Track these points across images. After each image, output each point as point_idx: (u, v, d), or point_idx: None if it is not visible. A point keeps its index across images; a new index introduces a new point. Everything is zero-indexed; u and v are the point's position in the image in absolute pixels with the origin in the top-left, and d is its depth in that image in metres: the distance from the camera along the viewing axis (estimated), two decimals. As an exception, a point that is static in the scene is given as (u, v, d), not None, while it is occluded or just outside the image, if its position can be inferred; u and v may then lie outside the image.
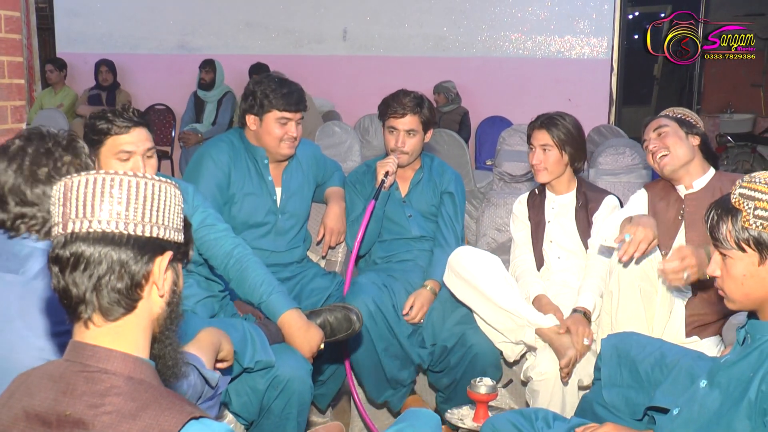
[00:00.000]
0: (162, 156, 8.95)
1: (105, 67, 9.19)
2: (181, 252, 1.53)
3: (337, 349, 3.39)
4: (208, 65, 8.48)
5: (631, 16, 11.14)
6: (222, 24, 9.57)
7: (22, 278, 1.86)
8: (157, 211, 1.45)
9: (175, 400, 1.40)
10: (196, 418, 1.37)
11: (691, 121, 3.19)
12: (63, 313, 1.47)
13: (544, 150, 3.37)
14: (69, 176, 1.44)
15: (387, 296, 3.39)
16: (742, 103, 10.33)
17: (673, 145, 3.10)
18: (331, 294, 3.47)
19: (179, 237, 1.50)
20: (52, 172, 1.96)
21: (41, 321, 1.83)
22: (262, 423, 2.77)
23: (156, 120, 9.16)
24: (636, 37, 11.27)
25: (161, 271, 1.47)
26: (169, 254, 1.48)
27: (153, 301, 1.48)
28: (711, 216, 1.97)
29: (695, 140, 3.14)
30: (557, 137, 3.35)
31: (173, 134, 9.30)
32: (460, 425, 2.90)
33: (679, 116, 3.18)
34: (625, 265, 2.85)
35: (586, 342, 3.03)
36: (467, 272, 3.20)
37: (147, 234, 1.43)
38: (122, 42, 9.70)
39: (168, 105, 9.49)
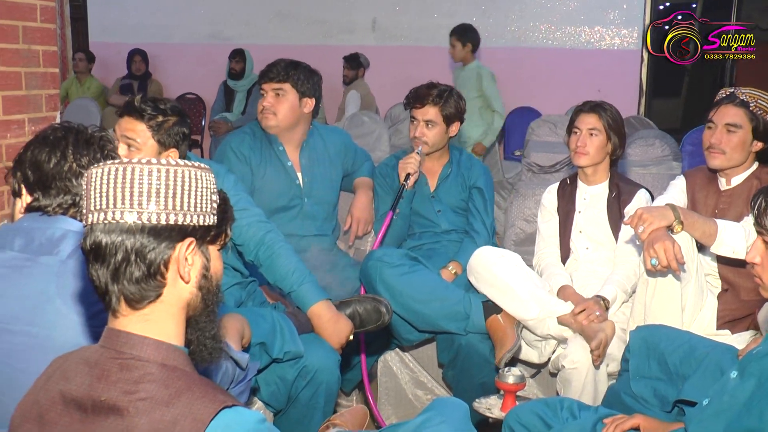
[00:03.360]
0: (192, 144, 9.00)
1: (139, 56, 9.26)
2: (212, 234, 1.51)
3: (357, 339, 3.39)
4: (238, 55, 8.50)
5: (661, 7, 11.02)
6: (252, 14, 9.58)
7: (56, 259, 1.88)
8: (174, 197, 1.42)
9: (208, 388, 1.40)
10: (229, 407, 1.37)
11: None
12: None
13: (591, 134, 3.34)
14: (91, 167, 1.44)
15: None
16: (775, 95, 10.18)
17: (733, 150, 3.01)
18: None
19: (207, 220, 1.48)
20: (93, 162, 1.98)
21: (78, 299, 1.85)
22: (290, 411, 2.79)
23: (187, 109, 9.17)
24: (666, 27, 11.13)
25: (182, 258, 1.46)
26: (189, 240, 1.46)
27: (180, 288, 1.47)
28: (759, 203, 1.91)
29: (758, 146, 3.04)
30: (606, 122, 3.33)
31: (203, 123, 9.36)
32: (488, 414, 2.89)
33: (759, 114, 2.99)
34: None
35: (597, 314, 3.04)
36: (489, 272, 3.19)
37: (163, 222, 1.42)
38: (154, 32, 9.74)
39: (198, 94, 9.55)
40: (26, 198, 2.02)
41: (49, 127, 2.07)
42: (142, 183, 1.40)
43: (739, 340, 2.88)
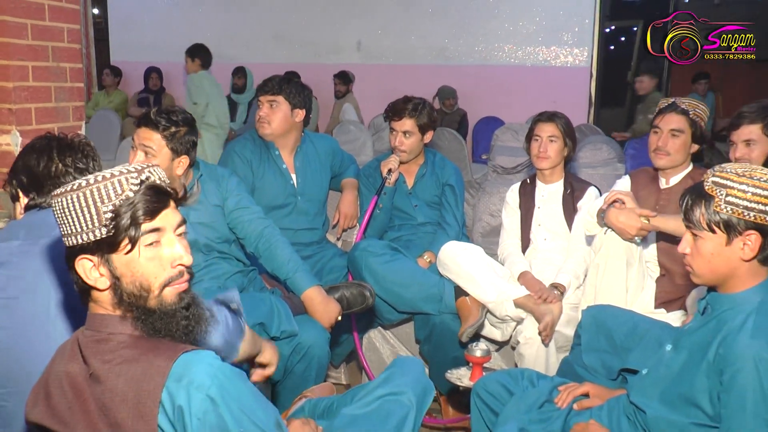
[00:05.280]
0: (200, 150, 8.95)
1: (155, 74, 9.25)
2: (105, 245, 1.43)
3: (349, 320, 3.42)
4: (240, 72, 8.48)
5: (608, 30, 11.07)
6: (252, 36, 9.57)
7: (51, 240, 1.90)
8: (64, 225, 1.44)
9: (173, 345, 1.43)
10: (188, 351, 1.39)
11: (704, 130, 3.03)
12: None
13: (551, 141, 3.36)
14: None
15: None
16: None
17: (677, 152, 3.00)
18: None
19: (95, 235, 1.42)
20: (77, 162, 2.00)
21: (66, 278, 1.86)
22: (286, 382, 2.80)
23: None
24: (612, 48, 11.20)
25: (86, 274, 1.45)
26: (79, 257, 1.45)
27: (103, 295, 1.48)
28: (686, 201, 1.94)
29: (694, 148, 3.04)
30: (563, 128, 3.35)
31: (210, 132, 9.30)
32: (459, 383, 2.91)
33: (697, 121, 3.00)
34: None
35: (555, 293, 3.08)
36: (454, 263, 3.20)
37: (67, 245, 1.45)
38: (166, 51, 9.69)
39: (205, 106, 9.49)
40: (23, 200, 2.04)
41: (35, 138, 2.09)
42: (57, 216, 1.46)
43: (673, 318, 2.91)
